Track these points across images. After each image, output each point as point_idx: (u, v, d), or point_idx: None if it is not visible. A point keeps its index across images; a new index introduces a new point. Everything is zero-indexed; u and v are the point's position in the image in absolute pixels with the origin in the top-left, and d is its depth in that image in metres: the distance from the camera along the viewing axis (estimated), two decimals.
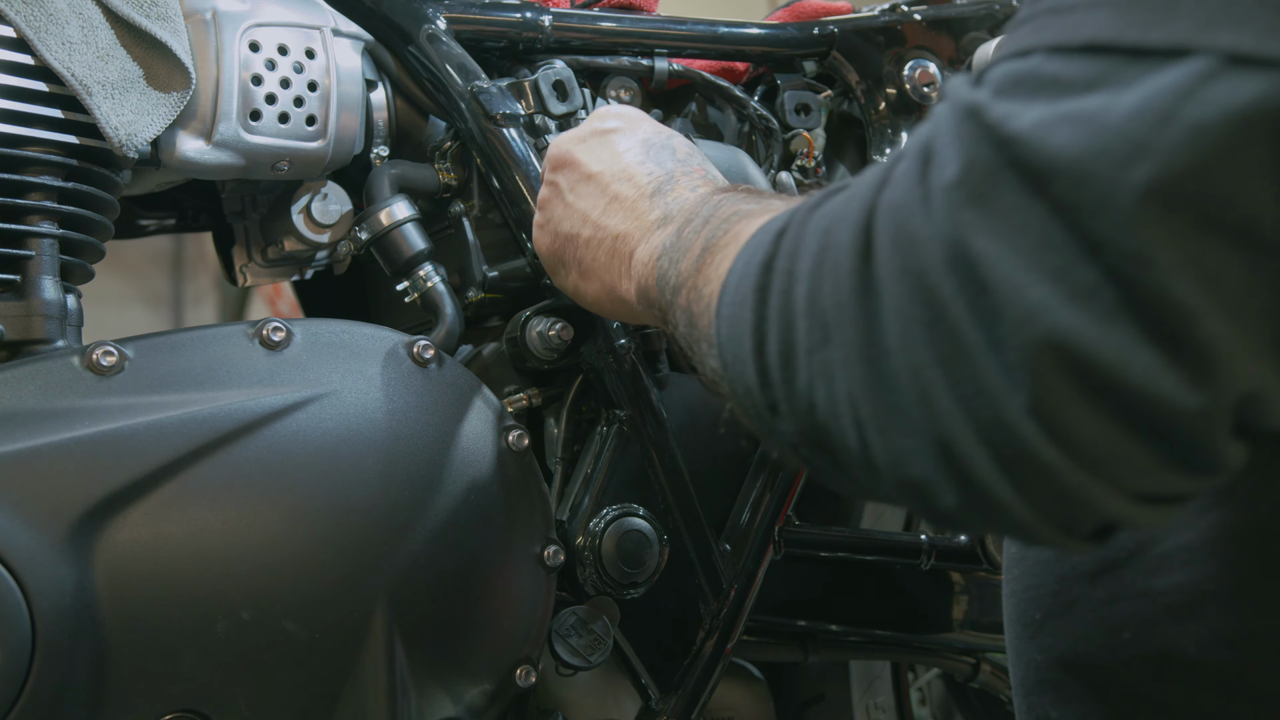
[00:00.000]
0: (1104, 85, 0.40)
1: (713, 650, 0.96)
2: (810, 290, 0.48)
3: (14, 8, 0.76)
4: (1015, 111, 0.41)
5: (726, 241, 0.59)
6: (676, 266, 0.64)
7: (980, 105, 0.43)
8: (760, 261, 0.52)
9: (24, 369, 0.73)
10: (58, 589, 0.68)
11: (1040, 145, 0.40)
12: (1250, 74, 0.37)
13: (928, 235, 0.43)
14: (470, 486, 0.83)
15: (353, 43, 0.93)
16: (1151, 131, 0.38)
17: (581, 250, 0.78)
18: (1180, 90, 0.38)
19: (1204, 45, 0.38)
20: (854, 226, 0.46)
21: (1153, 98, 0.38)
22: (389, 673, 0.78)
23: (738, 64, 1.13)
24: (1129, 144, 0.38)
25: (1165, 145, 0.37)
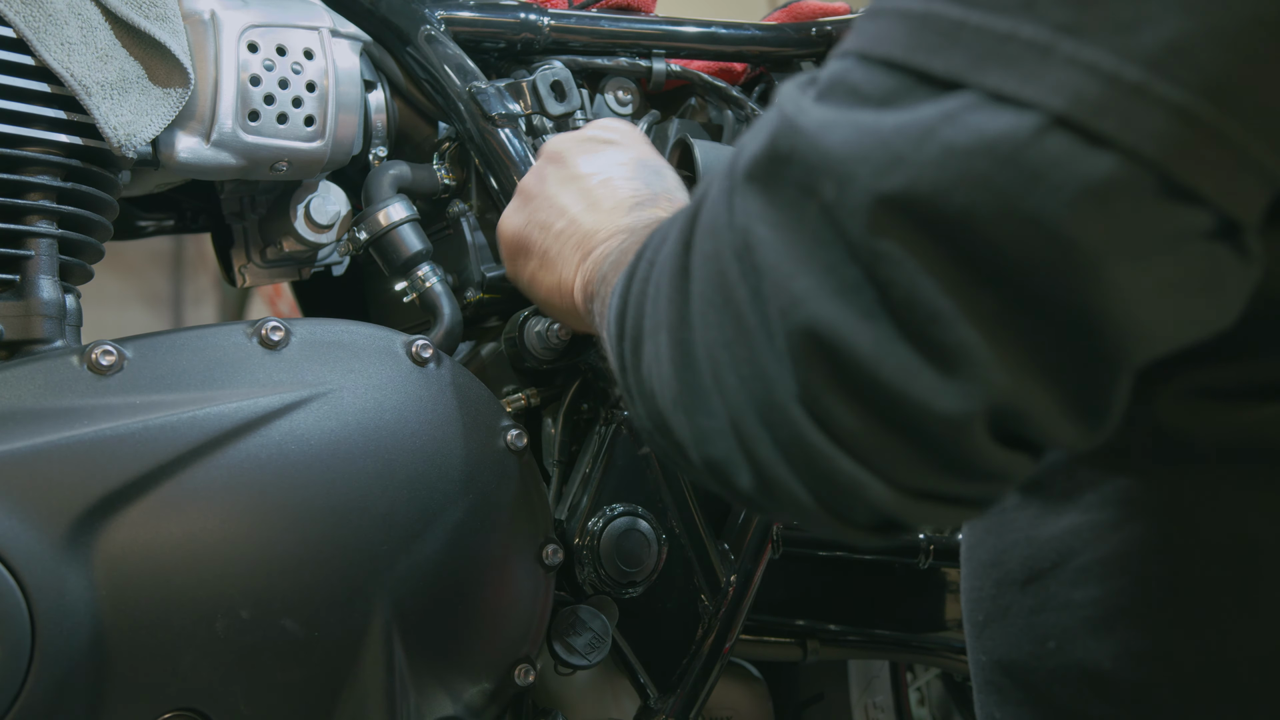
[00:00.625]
0: (892, 104, 0.42)
1: (711, 649, 0.96)
2: (656, 280, 0.50)
3: (13, 8, 0.77)
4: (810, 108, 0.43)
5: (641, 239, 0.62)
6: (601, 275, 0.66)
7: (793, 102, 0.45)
8: (637, 250, 0.55)
9: (23, 369, 0.73)
10: (58, 588, 0.68)
11: (816, 141, 0.42)
12: (1004, 110, 0.39)
13: (725, 222, 0.45)
14: (469, 486, 0.83)
15: (351, 43, 0.93)
16: (910, 146, 0.40)
17: (550, 240, 0.78)
18: (944, 115, 0.40)
19: (974, 81, 0.40)
20: (687, 216, 0.49)
21: (920, 116, 0.40)
22: (388, 671, 0.78)
23: (735, 65, 1.13)
24: (889, 154, 0.40)
25: (917, 160, 0.39)
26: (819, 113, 0.43)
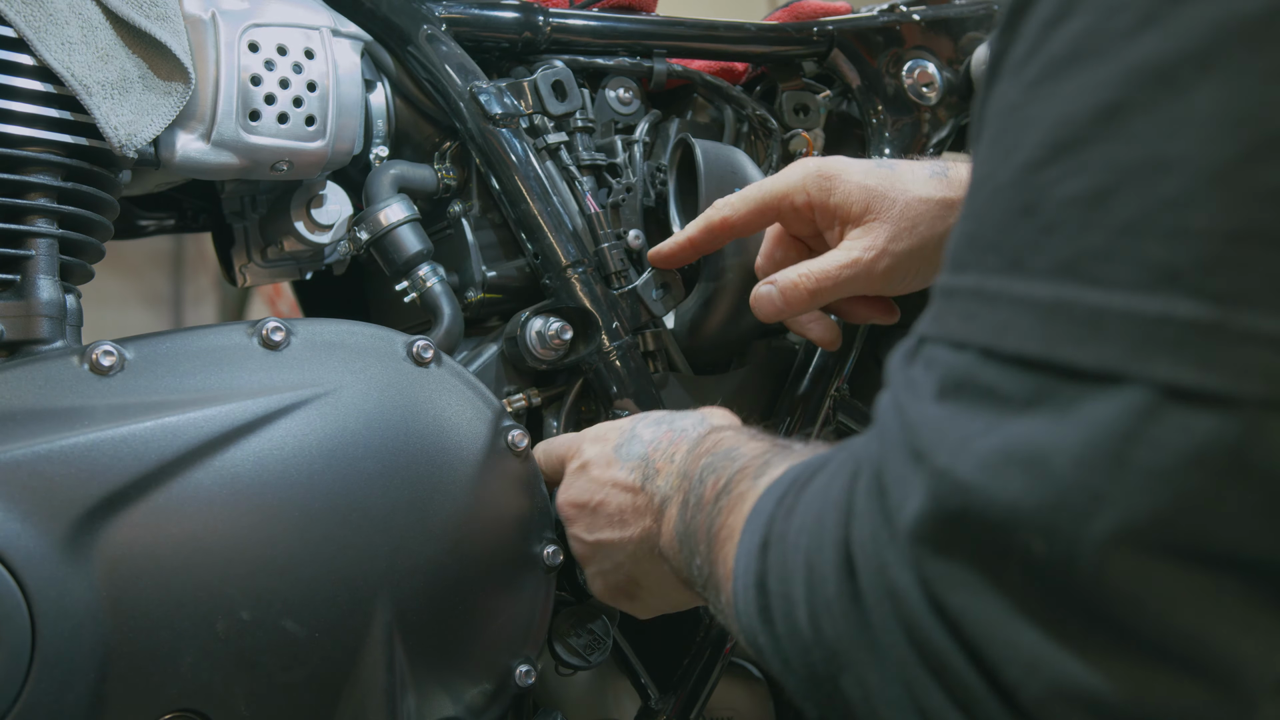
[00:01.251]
0: (1041, 406, 0.38)
1: (712, 649, 0.96)
2: (811, 617, 0.47)
3: (14, 8, 0.76)
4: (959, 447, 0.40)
5: (725, 536, 0.60)
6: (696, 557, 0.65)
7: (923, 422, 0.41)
8: (754, 582, 0.52)
9: (23, 369, 0.73)
10: (58, 589, 0.68)
11: (994, 497, 0.38)
12: (1194, 412, 0.35)
13: (906, 583, 0.42)
14: (470, 486, 0.83)
15: (352, 43, 0.93)
16: (1105, 480, 0.36)
17: (628, 569, 0.80)
18: (1125, 432, 0.36)
19: (1138, 374, 0.36)
20: (834, 565, 0.46)
21: (1098, 440, 0.36)
22: (388, 672, 0.78)
23: (736, 64, 1.13)
24: (1085, 495, 0.37)
25: (1123, 494, 0.36)
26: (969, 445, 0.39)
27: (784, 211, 0.90)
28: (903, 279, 0.87)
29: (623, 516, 0.78)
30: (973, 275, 0.41)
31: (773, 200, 0.90)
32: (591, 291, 0.95)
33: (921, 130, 1.12)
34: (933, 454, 0.40)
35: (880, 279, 0.86)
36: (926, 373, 0.43)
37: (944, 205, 0.86)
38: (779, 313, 0.89)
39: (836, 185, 0.87)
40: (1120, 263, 0.36)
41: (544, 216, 0.95)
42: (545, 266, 0.95)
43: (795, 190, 0.88)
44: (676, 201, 1.04)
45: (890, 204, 0.85)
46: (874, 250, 0.85)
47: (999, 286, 0.40)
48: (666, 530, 0.72)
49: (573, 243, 0.95)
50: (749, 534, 0.54)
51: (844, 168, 0.88)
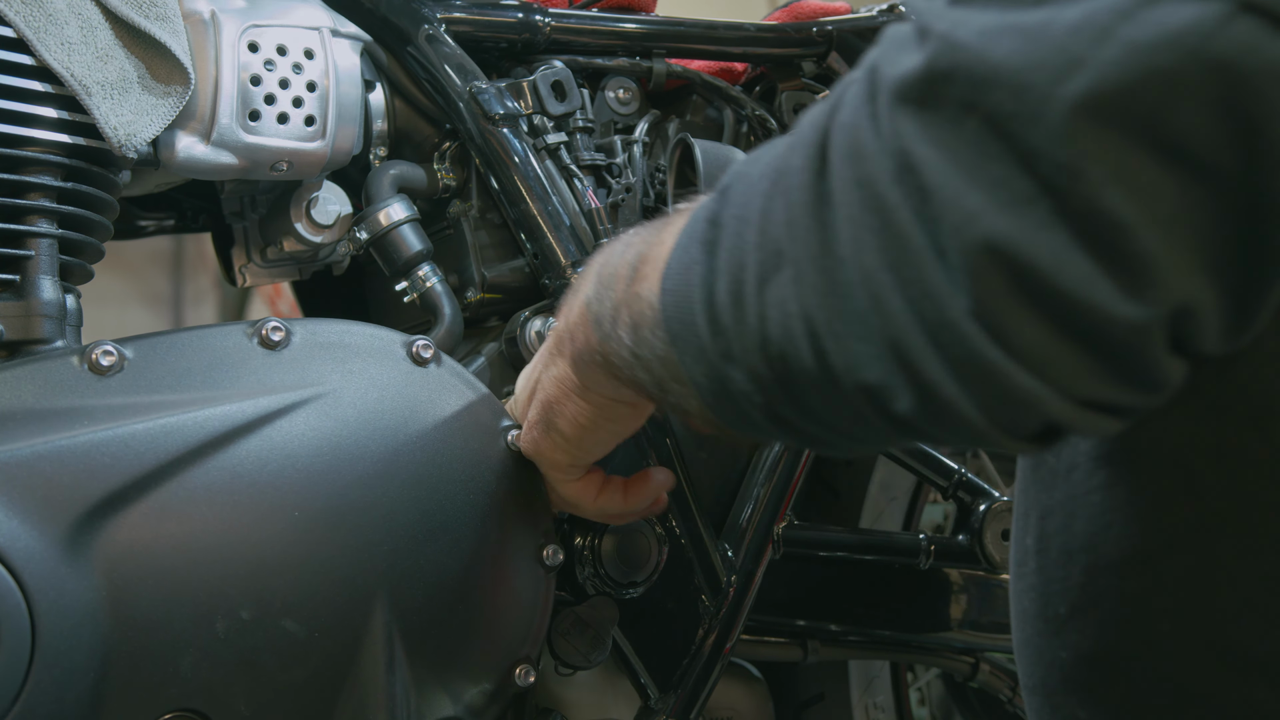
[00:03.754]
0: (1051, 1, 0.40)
1: (712, 649, 0.96)
2: (761, 224, 0.49)
3: (14, 8, 0.77)
4: (964, 19, 0.42)
5: (659, 240, 0.60)
6: (609, 299, 0.64)
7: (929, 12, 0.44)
8: (705, 220, 0.53)
9: (24, 369, 0.73)
10: (58, 589, 0.68)
11: (982, 54, 0.41)
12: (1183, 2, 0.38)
13: (876, 147, 0.44)
14: (469, 486, 0.83)
15: (351, 43, 0.93)
16: (1088, 47, 0.39)
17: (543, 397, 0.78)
18: (1120, 10, 0.39)
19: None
20: (808, 147, 0.47)
21: (1093, 14, 0.39)
22: (388, 672, 0.78)
23: (736, 64, 1.13)
24: (1066, 57, 0.39)
25: (1100, 61, 0.39)
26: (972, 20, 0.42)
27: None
28: None
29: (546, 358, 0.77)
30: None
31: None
32: None
33: None
34: (934, 26, 0.43)
35: None
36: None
37: None
38: None
39: None
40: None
41: (544, 216, 0.95)
42: (545, 266, 0.95)
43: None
44: (675, 201, 1.04)
45: None
46: None
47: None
48: (575, 305, 0.70)
49: (572, 242, 0.95)
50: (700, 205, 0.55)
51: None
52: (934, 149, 0.42)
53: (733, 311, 0.50)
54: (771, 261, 0.48)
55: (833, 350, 0.46)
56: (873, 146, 0.44)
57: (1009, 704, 1.23)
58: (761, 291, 0.49)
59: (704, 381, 0.54)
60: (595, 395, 0.73)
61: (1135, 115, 0.39)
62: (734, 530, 0.98)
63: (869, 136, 0.44)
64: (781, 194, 0.48)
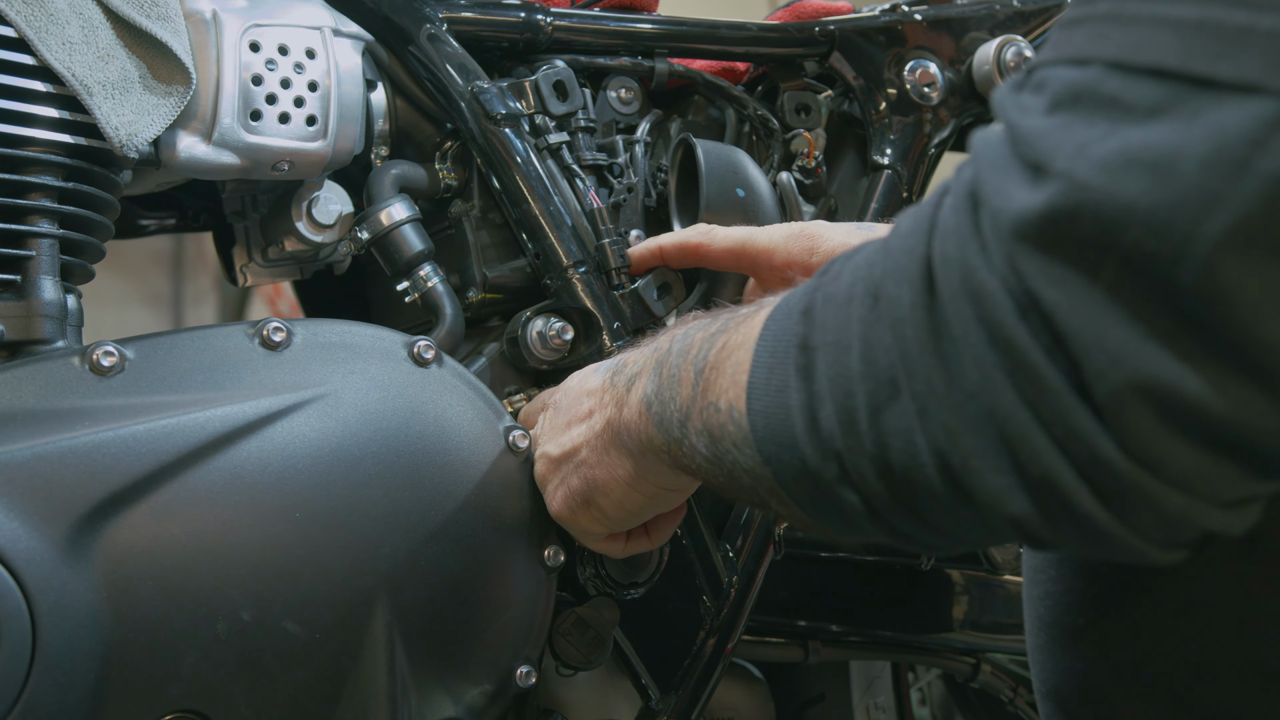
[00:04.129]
0: (1167, 114, 0.40)
1: (713, 650, 0.96)
2: (864, 352, 0.48)
3: (14, 8, 0.76)
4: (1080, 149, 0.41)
5: (728, 352, 0.59)
6: (674, 402, 0.64)
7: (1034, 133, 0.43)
8: (795, 344, 0.53)
9: (24, 369, 0.73)
10: (58, 589, 0.68)
11: (1112, 194, 0.40)
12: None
13: (994, 285, 0.43)
14: (471, 487, 0.83)
15: (353, 43, 0.93)
16: (1226, 183, 0.38)
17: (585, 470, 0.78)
18: (1252, 139, 0.38)
19: (1274, 86, 0.38)
20: (911, 280, 0.47)
21: (1225, 145, 0.38)
22: (389, 673, 0.78)
23: (738, 64, 1.13)
24: (1204, 195, 0.38)
25: (1241, 196, 0.38)
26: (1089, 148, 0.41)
27: (759, 264, 0.92)
28: None
29: (589, 417, 0.77)
30: (1105, 3, 0.43)
31: (752, 250, 0.91)
32: (593, 292, 0.95)
33: (923, 130, 1.12)
34: (1048, 158, 0.42)
35: None
36: (1037, 94, 0.44)
37: None
38: None
39: (819, 245, 0.89)
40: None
41: (545, 216, 0.95)
42: (546, 266, 0.95)
43: (776, 248, 0.90)
44: (677, 201, 1.04)
45: None
46: None
47: (1137, 9, 0.42)
48: (633, 400, 0.70)
49: (574, 243, 0.95)
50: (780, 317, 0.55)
51: (826, 230, 0.90)
52: (1064, 291, 0.41)
53: (844, 439, 0.50)
54: (884, 391, 0.48)
55: (974, 485, 0.46)
56: (991, 285, 0.43)
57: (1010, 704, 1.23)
58: (877, 420, 0.48)
59: (807, 500, 0.54)
60: (650, 485, 0.74)
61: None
62: (735, 530, 0.98)
63: (984, 274, 0.43)
64: (885, 323, 0.48)
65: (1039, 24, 1.19)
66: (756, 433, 0.55)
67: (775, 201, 1.03)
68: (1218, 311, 0.39)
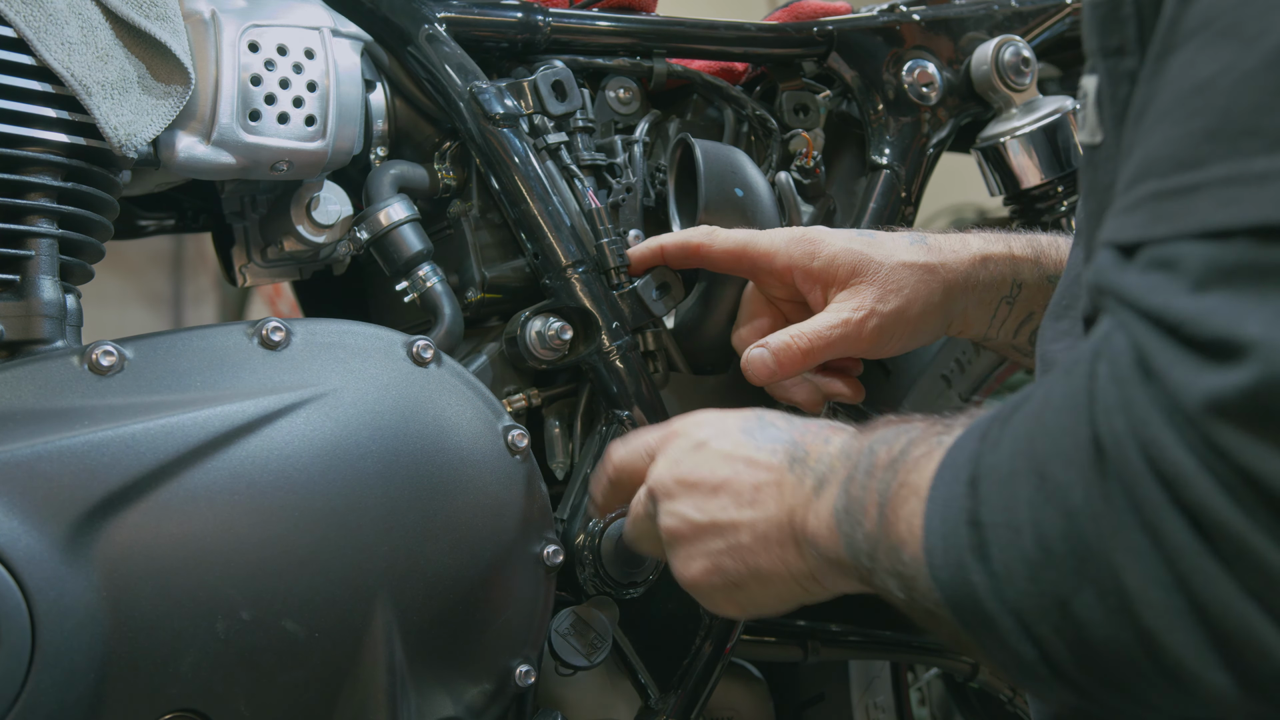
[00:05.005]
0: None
1: (712, 650, 0.96)
2: (1040, 536, 0.46)
3: (14, 8, 0.76)
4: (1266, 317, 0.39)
5: (904, 496, 0.57)
6: (861, 529, 0.60)
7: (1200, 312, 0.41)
8: (964, 520, 0.50)
9: (24, 369, 0.73)
10: (58, 589, 0.68)
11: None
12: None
13: (1193, 468, 0.40)
14: (470, 486, 0.83)
15: (352, 43, 0.93)
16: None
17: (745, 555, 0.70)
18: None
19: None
20: (1080, 466, 0.44)
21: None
22: (388, 672, 0.78)
23: (736, 64, 1.13)
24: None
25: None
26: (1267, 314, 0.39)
27: (759, 268, 0.92)
28: (889, 340, 0.89)
29: (756, 495, 0.69)
30: (1222, 165, 0.41)
31: (753, 253, 0.92)
32: (592, 291, 0.95)
33: (921, 130, 1.12)
34: (1234, 334, 0.39)
35: (868, 340, 0.88)
36: (1169, 273, 0.42)
37: (927, 270, 0.89)
38: (772, 374, 0.89)
39: (821, 250, 0.89)
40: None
41: (544, 216, 0.95)
42: (545, 266, 0.95)
43: (777, 252, 0.91)
44: (676, 201, 1.04)
45: (877, 267, 0.88)
46: (863, 311, 0.88)
47: (1267, 165, 0.39)
48: (822, 510, 0.64)
49: (573, 242, 0.95)
50: (947, 479, 0.53)
51: (827, 235, 0.90)
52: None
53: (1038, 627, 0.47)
54: (1069, 582, 0.45)
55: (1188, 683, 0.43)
56: (1187, 466, 0.40)
57: (1009, 704, 1.23)
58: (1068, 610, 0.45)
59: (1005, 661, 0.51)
60: (821, 587, 0.68)
61: None
62: None
63: (1178, 453, 0.41)
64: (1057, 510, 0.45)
65: (1037, 24, 1.19)
66: (950, 600, 0.53)
67: (774, 201, 1.03)
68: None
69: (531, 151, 0.97)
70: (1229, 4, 0.42)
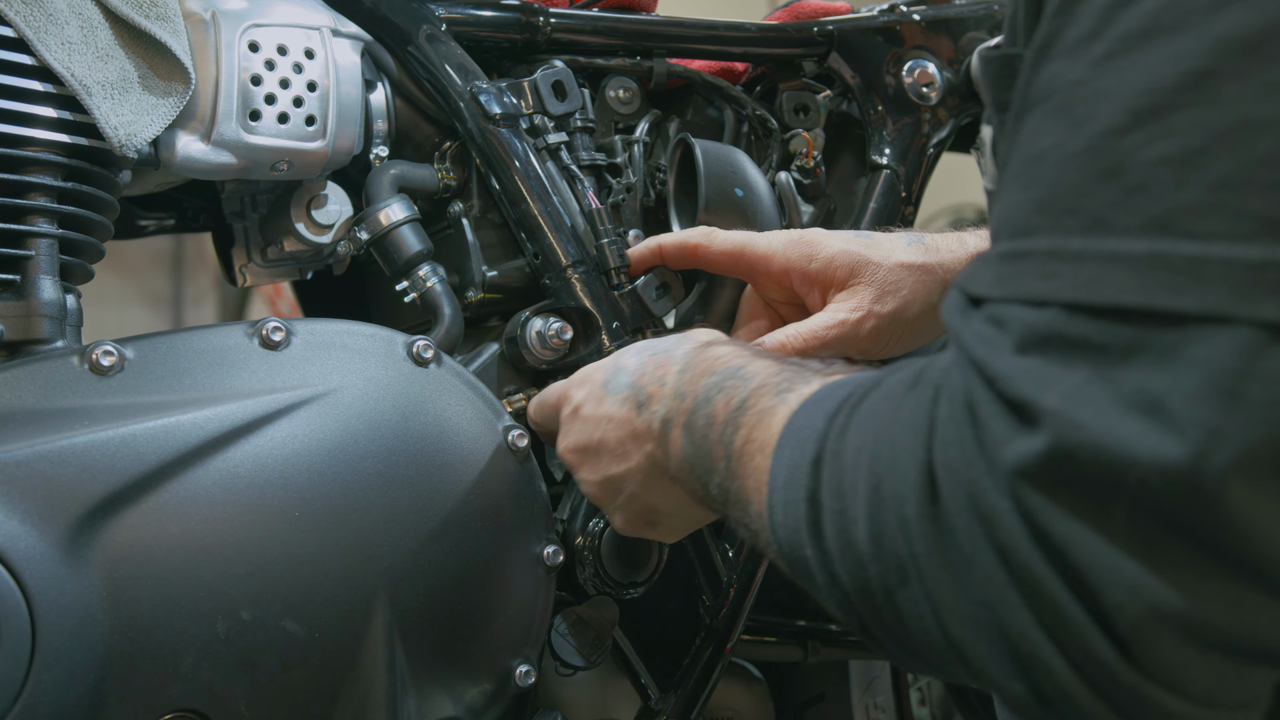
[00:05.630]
0: (1142, 354, 0.40)
1: (712, 650, 0.96)
2: (873, 534, 0.49)
3: (14, 8, 0.76)
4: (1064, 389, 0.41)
5: (750, 453, 0.60)
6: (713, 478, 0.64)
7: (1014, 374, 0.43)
8: (804, 497, 0.53)
9: (24, 369, 0.73)
10: (58, 589, 0.68)
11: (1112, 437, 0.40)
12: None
13: (1004, 509, 0.43)
14: (470, 486, 0.83)
15: (352, 43, 0.93)
16: (1222, 416, 0.38)
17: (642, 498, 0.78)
18: (1237, 370, 0.38)
19: (1244, 316, 0.38)
20: (914, 486, 0.47)
21: (1211, 380, 0.39)
22: (389, 672, 0.78)
23: (736, 64, 1.13)
24: (1204, 431, 0.39)
25: (1239, 428, 0.38)
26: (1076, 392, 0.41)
27: (757, 270, 0.92)
28: (886, 342, 0.90)
29: (623, 448, 0.76)
30: (1046, 238, 0.43)
31: (750, 255, 0.92)
32: (592, 291, 0.95)
33: (921, 130, 1.12)
34: (1035, 401, 0.42)
35: (865, 341, 0.89)
36: (999, 331, 0.45)
37: (925, 270, 0.89)
38: None
39: (818, 252, 0.89)
40: (1217, 216, 0.39)
41: (544, 216, 0.95)
42: (545, 266, 0.95)
43: (775, 254, 0.91)
44: (676, 201, 1.04)
45: (875, 268, 0.88)
46: (860, 312, 0.88)
47: (1082, 246, 0.42)
48: (674, 453, 0.70)
49: (573, 242, 0.95)
50: (792, 449, 0.55)
51: (824, 237, 0.90)
52: (1076, 529, 0.42)
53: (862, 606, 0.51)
54: (895, 576, 0.48)
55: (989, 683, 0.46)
56: (1001, 508, 0.43)
57: None
58: (892, 599, 0.49)
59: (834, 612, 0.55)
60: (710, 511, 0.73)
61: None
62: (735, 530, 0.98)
63: (994, 498, 0.44)
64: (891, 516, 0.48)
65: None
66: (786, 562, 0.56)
67: (774, 201, 1.03)
68: (1232, 540, 0.39)
69: (531, 151, 0.97)
70: (1066, 81, 0.45)
